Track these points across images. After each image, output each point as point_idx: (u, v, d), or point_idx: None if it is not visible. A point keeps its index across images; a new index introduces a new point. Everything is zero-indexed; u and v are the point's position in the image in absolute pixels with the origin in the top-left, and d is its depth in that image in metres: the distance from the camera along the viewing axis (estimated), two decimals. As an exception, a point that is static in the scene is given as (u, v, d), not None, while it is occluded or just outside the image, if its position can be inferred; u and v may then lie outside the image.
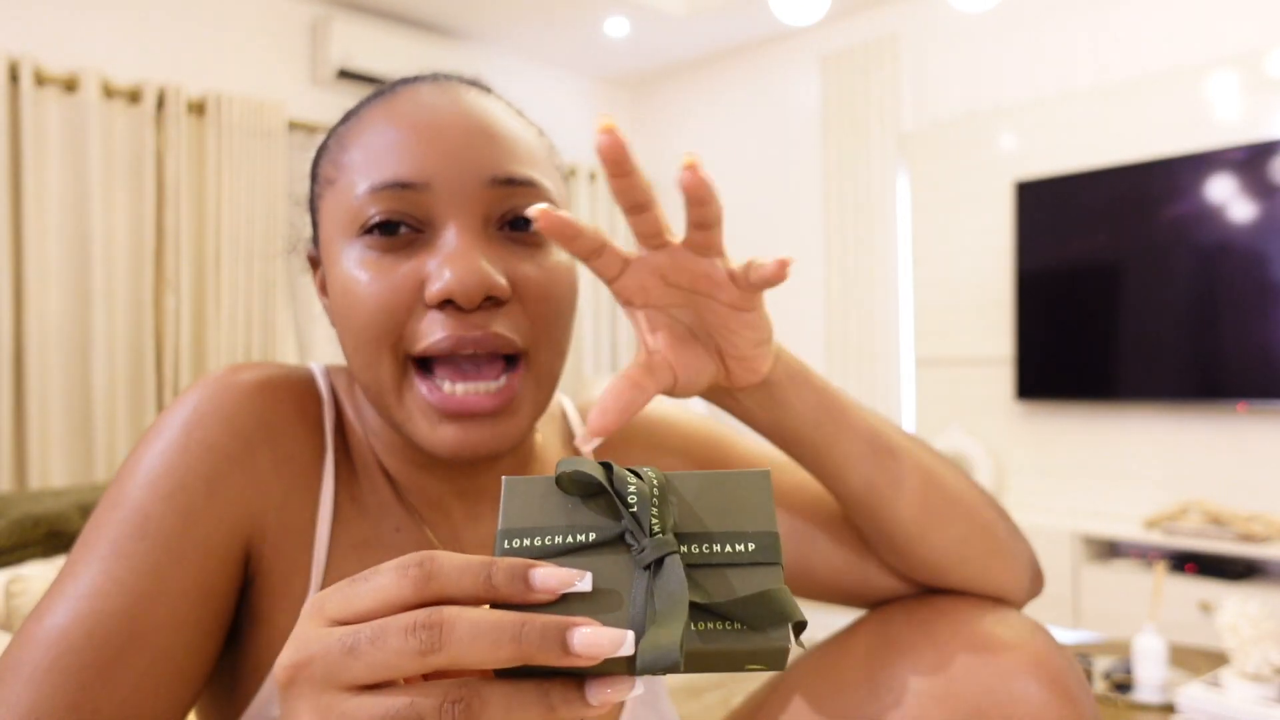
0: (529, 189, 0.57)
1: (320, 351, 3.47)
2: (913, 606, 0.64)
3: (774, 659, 0.37)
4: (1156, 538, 2.78)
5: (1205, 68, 2.87)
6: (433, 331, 0.54)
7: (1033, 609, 2.66)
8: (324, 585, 0.58)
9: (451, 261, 0.53)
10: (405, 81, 0.61)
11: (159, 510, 0.53)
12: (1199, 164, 2.83)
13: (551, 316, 0.57)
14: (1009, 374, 3.27)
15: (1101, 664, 1.70)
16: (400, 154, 0.56)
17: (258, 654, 0.58)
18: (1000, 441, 3.32)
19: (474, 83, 0.62)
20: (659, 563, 0.37)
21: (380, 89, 0.62)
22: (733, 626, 0.37)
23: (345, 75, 3.45)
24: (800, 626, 0.37)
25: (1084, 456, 3.15)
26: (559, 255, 0.59)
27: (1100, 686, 1.61)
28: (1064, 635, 2.11)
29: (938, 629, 0.61)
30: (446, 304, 0.54)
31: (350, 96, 3.52)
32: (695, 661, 0.37)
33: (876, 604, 0.68)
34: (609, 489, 0.39)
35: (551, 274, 0.57)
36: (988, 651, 0.58)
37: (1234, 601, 1.50)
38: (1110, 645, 1.86)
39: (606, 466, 0.40)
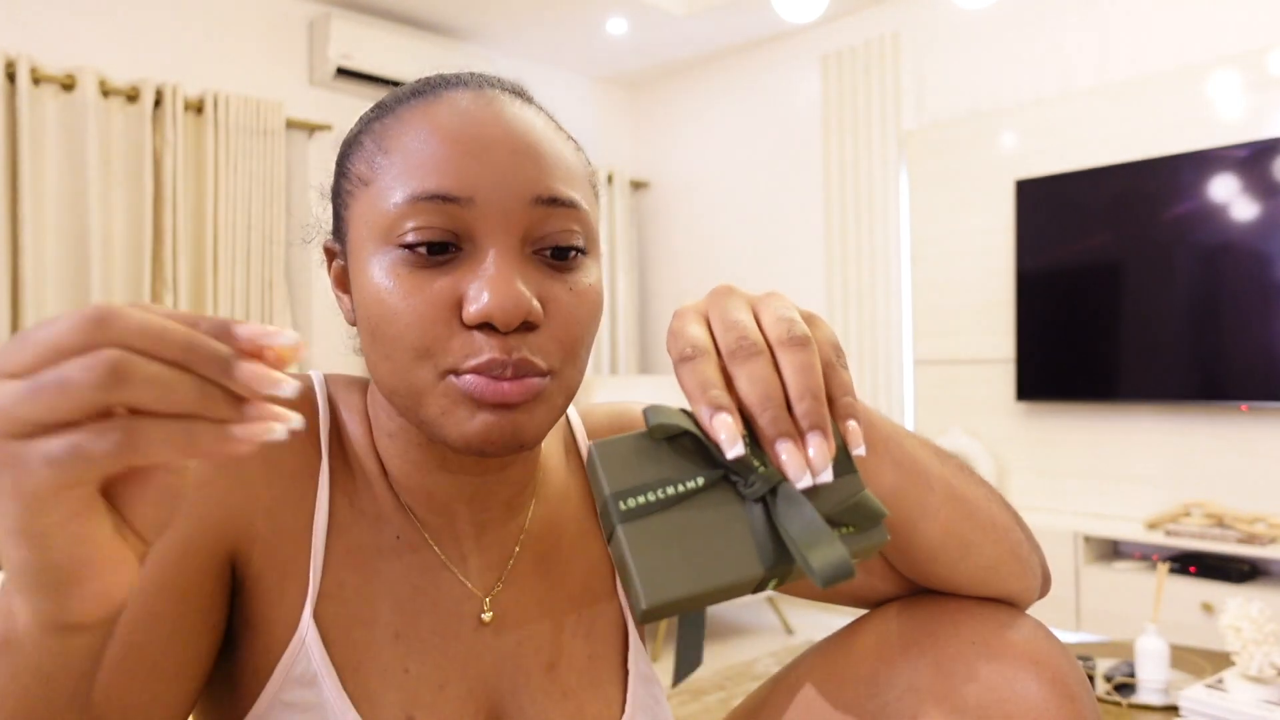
0: (570, 210, 0.57)
1: (317, 350, 3.47)
2: (915, 605, 0.64)
3: (871, 554, 0.44)
4: (1158, 539, 2.77)
5: (1206, 66, 2.87)
6: (469, 352, 0.54)
7: (1034, 609, 2.65)
8: (322, 591, 0.58)
9: (492, 284, 0.53)
10: (446, 83, 0.60)
11: None
12: (1200, 163, 2.82)
13: (578, 339, 0.57)
14: (1009, 374, 3.27)
15: (1103, 665, 1.70)
16: (444, 166, 0.55)
17: (254, 660, 0.58)
18: (1001, 442, 3.31)
19: (516, 91, 0.62)
20: (772, 493, 0.41)
21: (417, 87, 0.61)
22: (844, 531, 0.42)
23: (343, 74, 3.44)
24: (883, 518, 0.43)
25: (1085, 457, 3.14)
26: (589, 277, 0.59)
27: (1102, 688, 1.61)
28: (1065, 636, 2.10)
29: (940, 628, 0.61)
30: (483, 325, 0.54)
31: (349, 96, 3.53)
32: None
33: (878, 604, 0.67)
34: (700, 435, 0.41)
35: (581, 297, 0.57)
36: (989, 651, 0.58)
37: (1236, 603, 1.49)
38: (1112, 646, 1.85)
39: (688, 414, 0.43)
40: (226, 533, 0.56)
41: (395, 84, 3.27)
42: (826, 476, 0.41)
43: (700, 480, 0.41)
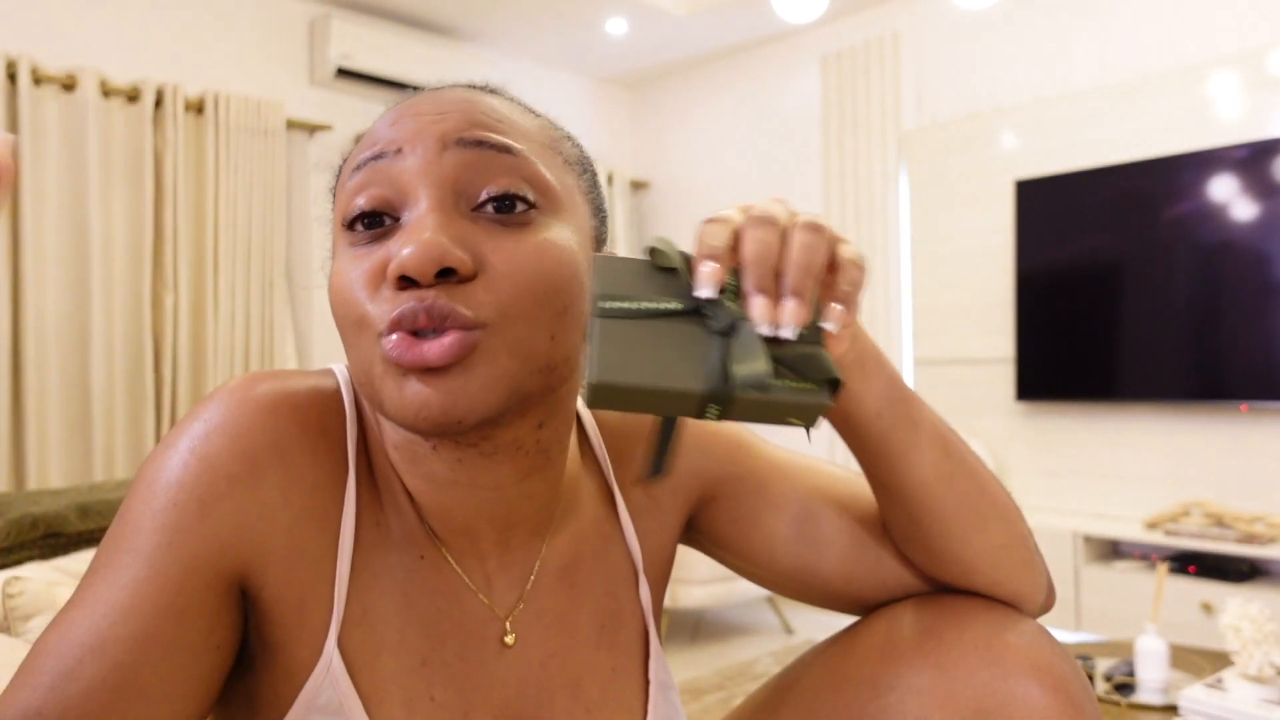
0: (504, 155, 0.54)
1: (318, 350, 3.47)
2: (918, 607, 0.64)
3: (814, 413, 0.46)
4: (1158, 538, 2.77)
5: (1206, 66, 2.87)
6: (393, 309, 0.51)
7: (1033, 610, 2.65)
8: (346, 616, 0.56)
9: (407, 235, 0.51)
10: (418, 88, 0.61)
11: (150, 526, 0.52)
12: (1200, 163, 2.82)
13: (524, 289, 0.52)
14: (1009, 374, 3.27)
15: (1103, 665, 1.70)
16: (378, 134, 0.56)
17: (275, 684, 0.56)
18: (1001, 442, 3.32)
19: (486, 87, 0.61)
20: (731, 329, 0.45)
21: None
22: (788, 381, 0.45)
23: (344, 74, 3.44)
24: (837, 386, 0.46)
25: (1085, 457, 3.15)
26: (546, 233, 0.54)
27: (1102, 688, 1.61)
28: (1065, 636, 2.10)
29: (942, 629, 0.61)
30: (403, 281, 0.51)
31: (349, 96, 3.53)
32: (751, 408, 0.45)
33: (882, 606, 0.68)
34: (682, 269, 0.47)
35: (535, 249, 0.53)
36: (991, 653, 0.58)
37: (1236, 602, 1.50)
38: (1112, 646, 1.85)
39: (685, 256, 0.48)
40: (238, 553, 0.53)
41: (396, 84, 3.27)
42: (786, 332, 0.45)
43: (675, 305, 0.46)
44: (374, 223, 0.54)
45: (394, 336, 0.50)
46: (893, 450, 0.59)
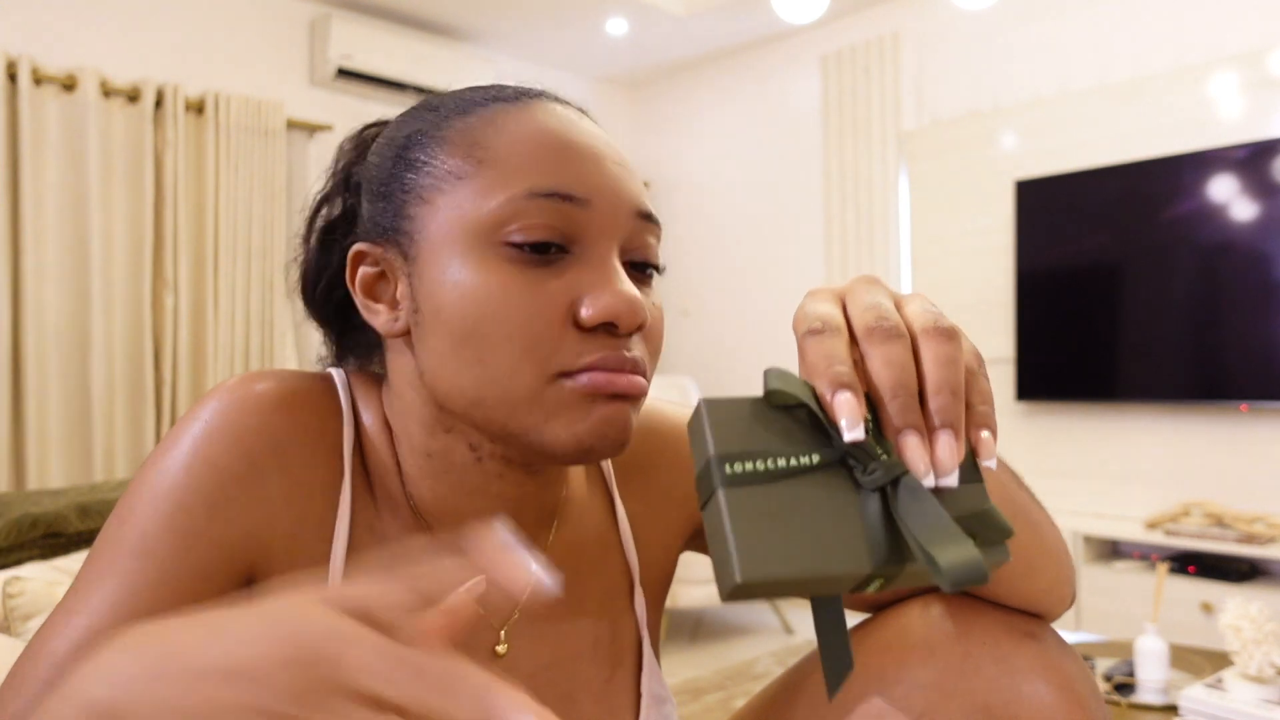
0: (657, 227, 0.59)
1: (317, 352, 3.46)
2: (927, 605, 0.64)
3: (985, 577, 0.36)
4: (1158, 538, 2.77)
5: (1206, 67, 2.87)
6: (590, 351, 0.53)
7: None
8: None
9: (616, 286, 0.54)
10: (526, 92, 0.59)
11: (156, 530, 0.52)
12: (1200, 163, 2.82)
13: (656, 352, 0.58)
14: (1009, 374, 3.27)
15: (1103, 665, 1.70)
16: (564, 167, 0.55)
17: None
18: (1001, 442, 3.29)
19: (582, 110, 0.62)
20: (893, 485, 0.36)
21: (494, 93, 0.59)
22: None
23: (344, 74, 3.44)
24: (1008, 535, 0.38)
25: (1085, 457, 3.15)
26: (657, 296, 0.60)
27: (1102, 688, 1.61)
28: (1065, 636, 2.10)
29: (951, 628, 0.61)
30: (600, 327, 0.53)
31: (349, 96, 3.53)
32: (921, 576, 0.37)
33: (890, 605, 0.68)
34: (819, 412, 0.38)
35: (658, 311, 0.59)
36: (999, 651, 0.58)
37: (1236, 602, 1.49)
38: (1111, 646, 1.85)
39: (810, 389, 0.38)
40: (246, 554, 0.54)
41: (396, 84, 3.26)
42: (952, 480, 0.37)
43: (815, 458, 0.37)
44: (546, 249, 0.54)
45: (587, 376, 0.53)
46: None
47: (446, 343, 0.54)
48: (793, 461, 0.37)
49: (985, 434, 0.40)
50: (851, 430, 0.37)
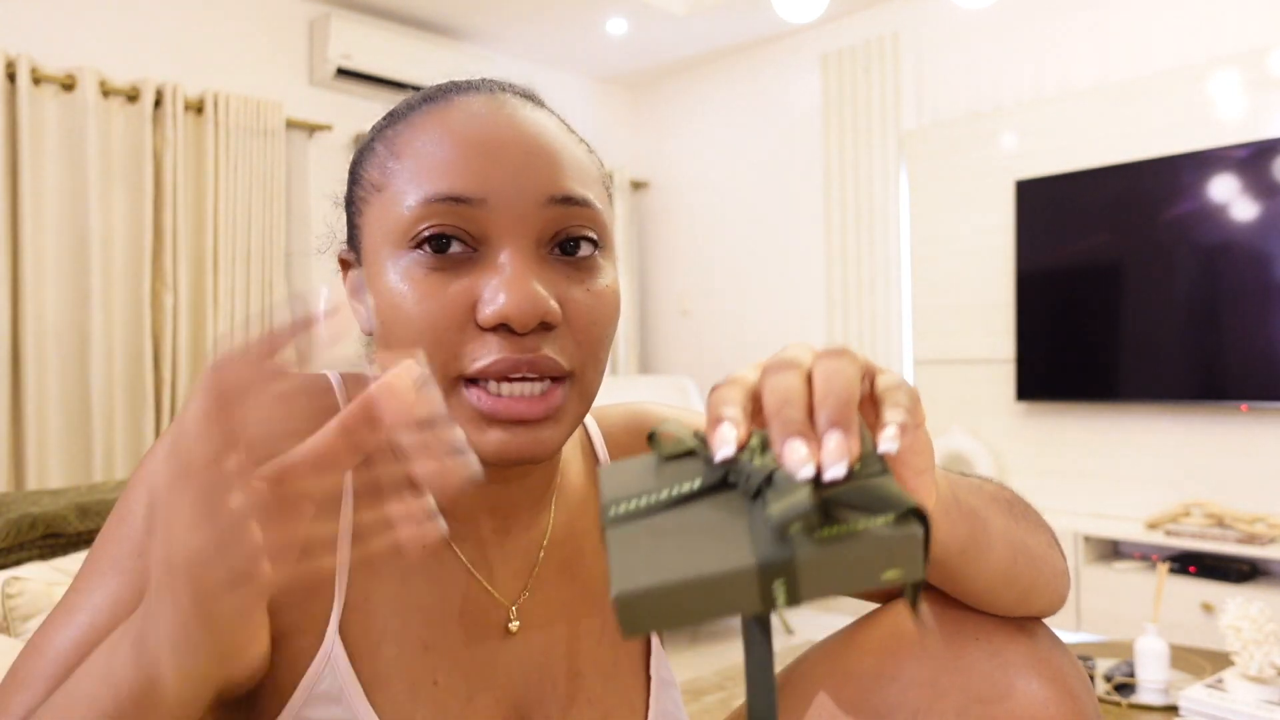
0: (584, 209, 0.57)
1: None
2: (923, 601, 0.64)
3: (908, 551, 0.35)
4: (1158, 539, 2.77)
5: (1206, 66, 2.87)
6: (486, 354, 0.53)
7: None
8: (348, 604, 0.57)
9: (508, 286, 0.53)
10: (458, 88, 0.60)
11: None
12: (1200, 163, 2.82)
13: (597, 340, 0.57)
14: (1010, 374, 3.27)
15: (1103, 665, 1.70)
16: (457, 168, 0.55)
17: (277, 675, 0.56)
18: (1001, 442, 3.31)
19: (527, 95, 0.62)
20: (767, 482, 0.37)
21: (430, 93, 0.61)
22: (854, 523, 0.35)
23: (343, 74, 3.44)
24: (923, 516, 0.35)
25: (1085, 457, 3.14)
26: (606, 278, 0.58)
27: (1102, 688, 1.61)
28: (1065, 636, 2.10)
29: (946, 625, 0.61)
30: (499, 327, 0.53)
31: (349, 96, 3.53)
32: (826, 568, 0.35)
33: (888, 598, 0.68)
34: (699, 444, 0.41)
35: (599, 298, 0.57)
36: (992, 646, 0.58)
37: (1236, 603, 1.49)
38: (1112, 646, 1.85)
39: (698, 434, 0.42)
40: None
41: (395, 84, 3.25)
42: (836, 471, 0.36)
43: (697, 482, 0.39)
44: (442, 244, 0.55)
45: (484, 386, 0.53)
46: (967, 574, 0.56)
47: (380, 344, 0.57)
48: (675, 491, 0.39)
49: (890, 425, 0.41)
50: (719, 448, 0.38)
